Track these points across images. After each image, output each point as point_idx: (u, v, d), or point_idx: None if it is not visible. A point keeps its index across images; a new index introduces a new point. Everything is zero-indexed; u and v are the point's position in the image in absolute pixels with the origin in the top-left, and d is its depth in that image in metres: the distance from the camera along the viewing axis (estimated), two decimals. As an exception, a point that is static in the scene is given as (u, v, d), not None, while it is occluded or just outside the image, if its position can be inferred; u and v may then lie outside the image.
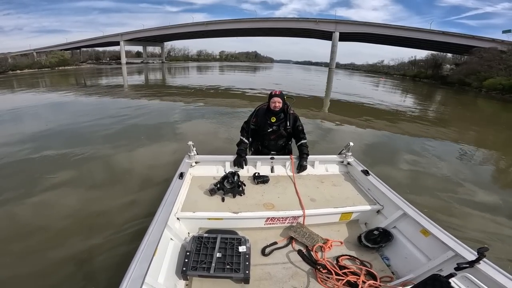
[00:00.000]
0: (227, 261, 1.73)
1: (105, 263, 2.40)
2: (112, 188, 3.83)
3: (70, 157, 4.86)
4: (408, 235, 1.97)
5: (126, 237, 2.73)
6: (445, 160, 5.62)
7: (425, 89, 28.45)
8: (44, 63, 36.95)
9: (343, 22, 49.46)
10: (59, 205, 3.34)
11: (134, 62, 63.33)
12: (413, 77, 50.82)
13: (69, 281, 2.26)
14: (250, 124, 2.83)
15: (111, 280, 2.18)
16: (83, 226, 2.93)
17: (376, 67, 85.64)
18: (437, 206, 3.58)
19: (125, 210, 3.21)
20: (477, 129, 9.37)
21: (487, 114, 14.50)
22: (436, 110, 14.26)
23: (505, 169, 5.88)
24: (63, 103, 10.85)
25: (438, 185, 4.33)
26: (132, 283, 1.23)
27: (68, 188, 3.78)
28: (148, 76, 27.21)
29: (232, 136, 6.07)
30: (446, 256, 1.61)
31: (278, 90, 2.72)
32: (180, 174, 2.37)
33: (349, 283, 1.68)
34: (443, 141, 7.24)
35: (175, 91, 15.75)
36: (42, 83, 20.29)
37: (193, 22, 59.70)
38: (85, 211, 3.20)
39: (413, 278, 1.68)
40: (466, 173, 5.04)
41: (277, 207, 2.19)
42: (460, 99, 20.95)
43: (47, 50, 54.98)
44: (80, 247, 2.61)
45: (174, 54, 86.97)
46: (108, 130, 6.67)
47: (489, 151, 6.96)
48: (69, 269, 2.37)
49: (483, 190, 4.29)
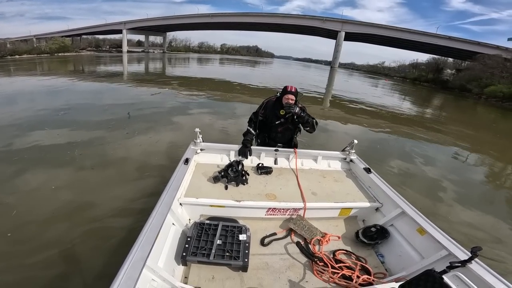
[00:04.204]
0: (227, 248, 1.74)
1: (108, 244, 2.45)
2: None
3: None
4: (404, 233, 2.00)
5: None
6: (439, 163, 5.78)
7: (428, 94, 28.40)
8: (43, 49, 36.44)
9: (350, 22, 49.16)
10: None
11: (135, 51, 62.69)
12: (413, 80, 50.90)
13: (69, 261, 2.29)
14: (258, 116, 2.85)
15: (111, 260, 2.22)
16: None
17: (377, 68, 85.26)
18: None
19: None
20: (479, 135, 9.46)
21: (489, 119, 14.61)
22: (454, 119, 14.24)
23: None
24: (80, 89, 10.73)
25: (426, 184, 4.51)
26: (133, 265, 1.24)
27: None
28: (148, 65, 27.06)
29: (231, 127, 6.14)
30: (440, 255, 1.63)
31: (294, 87, 2.72)
32: (185, 160, 2.39)
33: (344, 277, 1.72)
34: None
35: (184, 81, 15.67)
36: (39, 67, 20.04)
37: (198, 14, 59.06)
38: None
39: (405, 276, 1.71)
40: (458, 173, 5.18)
41: (279, 198, 2.21)
42: (461, 105, 21.07)
43: (48, 36, 54.19)
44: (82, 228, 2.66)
45: (175, 45, 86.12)
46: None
47: (482, 155, 7.09)
48: (69, 247, 2.40)
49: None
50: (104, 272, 2.13)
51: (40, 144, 4.65)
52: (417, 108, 15.75)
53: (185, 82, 15.16)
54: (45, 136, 4.99)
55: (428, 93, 29.92)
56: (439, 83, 41.69)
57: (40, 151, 4.38)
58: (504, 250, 2.95)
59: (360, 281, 1.67)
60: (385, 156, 5.68)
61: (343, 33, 48.87)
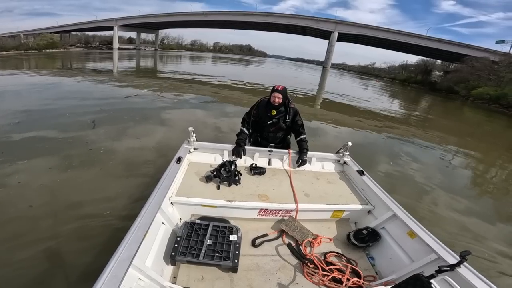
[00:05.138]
0: (217, 249, 1.72)
1: (94, 242, 2.39)
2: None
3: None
4: (395, 236, 2.00)
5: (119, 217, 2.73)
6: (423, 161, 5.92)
7: (417, 96, 28.87)
8: (31, 45, 35.62)
9: (343, 23, 49.68)
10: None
11: (126, 48, 61.75)
12: (402, 81, 51.78)
13: (55, 257, 2.24)
14: (251, 115, 2.85)
15: (97, 259, 2.16)
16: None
17: (368, 68, 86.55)
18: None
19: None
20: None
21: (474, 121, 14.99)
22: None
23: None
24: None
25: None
26: (119, 263, 1.22)
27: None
28: (138, 63, 26.58)
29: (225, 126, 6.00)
30: (429, 258, 1.64)
31: (281, 86, 2.72)
32: (178, 159, 2.36)
33: (334, 279, 1.71)
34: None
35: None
36: (26, 64, 19.42)
37: (192, 11, 58.67)
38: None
39: (395, 279, 1.71)
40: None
41: (271, 199, 2.20)
42: (449, 106, 21.53)
43: (36, 32, 53.00)
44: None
45: (167, 42, 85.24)
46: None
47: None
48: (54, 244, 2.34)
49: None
50: (89, 271, 2.07)
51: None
52: (406, 110, 16.06)
53: (171, 82, 14.06)
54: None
55: (417, 94, 30.45)
56: (428, 85, 42.56)
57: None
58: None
59: (350, 284, 1.66)
60: (374, 154, 5.79)
61: (336, 34, 49.37)
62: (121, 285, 1.13)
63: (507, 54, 31.09)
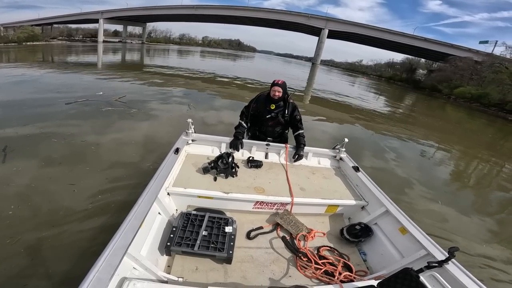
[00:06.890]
0: (212, 240, 1.73)
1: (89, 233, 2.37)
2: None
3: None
4: (387, 232, 2.04)
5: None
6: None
7: (402, 93, 29.44)
8: (11, 38, 34.25)
9: (334, 20, 50.02)
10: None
11: (111, 41, 59.54)
12: (388, 79, 52.96)
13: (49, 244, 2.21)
14: (250, 109, 2.86)
15: (93, 249, 2.13)
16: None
17: (355, 66, 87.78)
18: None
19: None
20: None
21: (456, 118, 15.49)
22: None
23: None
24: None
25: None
26: (114, 252, 1.22)
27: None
28: (125, 56, 25.83)
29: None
30: (419, 254, 1.67)
31: (281, 80, 2.75)
32: (176, 150, 2.36)
33: (327, 273, 1.74)
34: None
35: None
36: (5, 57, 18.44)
37: (182, 5, 57.48)
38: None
39: (385, 274, 1.74)
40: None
41: (267, 192, 2.21)
42: (432, 105, 22.12)
43: (16, 25, 50.82)
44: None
45: (155, 36, 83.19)
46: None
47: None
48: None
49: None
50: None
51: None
52: (391, 107, 16.42)
53: (158, 76, 13.40)
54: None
55: (402, 92, 31.10)
56: (412, 83, 43.65)
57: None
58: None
59: (341, 278, 1.69)
60: (361, 149, 5.98)
61: (326, 31, 49.67)
62: (115, 273, 1.13)
63: (490, 55, 32.00)
